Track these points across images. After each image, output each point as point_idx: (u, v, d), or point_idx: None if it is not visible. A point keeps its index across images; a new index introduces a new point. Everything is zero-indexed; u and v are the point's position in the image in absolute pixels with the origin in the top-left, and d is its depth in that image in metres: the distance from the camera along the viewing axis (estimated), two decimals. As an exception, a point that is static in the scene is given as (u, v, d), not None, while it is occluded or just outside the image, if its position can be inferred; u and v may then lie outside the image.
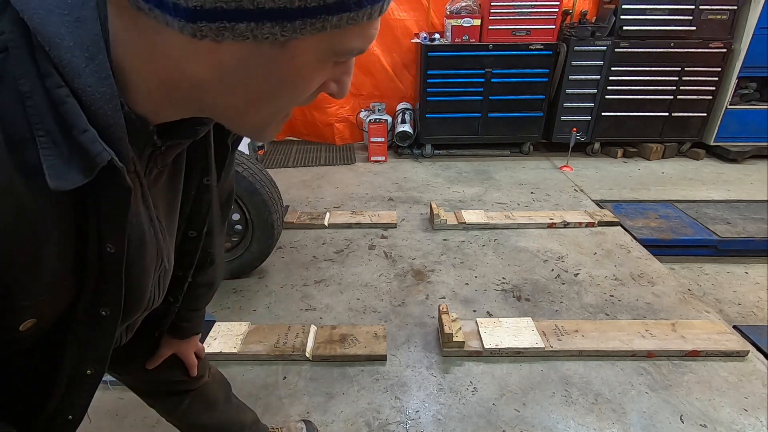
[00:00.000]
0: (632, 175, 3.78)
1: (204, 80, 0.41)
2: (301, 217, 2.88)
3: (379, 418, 1.50)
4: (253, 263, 2.24)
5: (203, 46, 0.37)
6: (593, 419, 1.49)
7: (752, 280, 2.54)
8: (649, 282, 2.25)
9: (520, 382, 1.64)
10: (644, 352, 1.73)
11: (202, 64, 0.39)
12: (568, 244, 2.61)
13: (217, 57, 0.39)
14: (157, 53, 0.39)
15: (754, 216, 3.00)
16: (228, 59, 0.39)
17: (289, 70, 0.41)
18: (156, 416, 1.51)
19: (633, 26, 3.73)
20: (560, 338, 1.79)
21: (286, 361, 1.75)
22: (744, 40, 3.73)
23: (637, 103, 3.98)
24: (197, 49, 0.38)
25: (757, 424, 1.47)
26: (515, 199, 3.28)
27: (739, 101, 3.98)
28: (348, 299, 2.14)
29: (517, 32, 3.81)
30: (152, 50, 0.39)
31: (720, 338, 1.77)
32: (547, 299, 2.12)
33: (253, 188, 2.01)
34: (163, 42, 0.38)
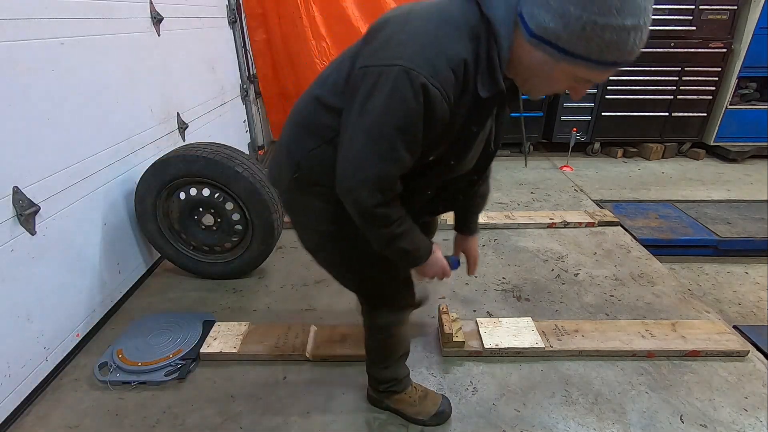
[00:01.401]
0: (632, 175, 3.78)
1: (525, 65, 0.85)
2: (301, 217, 2.87)
3: (379, 418, 1.50)
4: (253, 263, 2.24)
5: (532, 50, 0.81)
6: (593, 419, 1.49)
7: (752, 280, 2.54)
8: (649, 282, 2.24)
9: (520, 382, 1.64)
10: (644, 352, 1.73)
11: (528, 57, 0.83)
12: (568, 244, 2.61)
13: (534, 55, 0.82)
14: (518, 50, 0.84)
15: (754, 216, 3.00)
16: (537, 58, 0.82)
17: (553, 74, 0.83)
18: (156, 416, 1.52)
19: (633, 26, 3.73)
20: (560, 338, 1.79)
21: (286, 361, 1.75)
22: (744, 40, 3.73)
23: (637, 103, 3.98)
24: (530, 52, 0.82)
25: (757, 424, 1.46)
26: (515, 199, 3.28)
27: (739, 101, 3.98)
28: (348, 299, 2.13)
29: (517, 32, 3.81)
30: (518, 48, 0.84)
31: (720, 338, 1.77)
32: (547, 299, 2.12)
33: (254, 188, 2.01)
34: (520, 45, 0.83)
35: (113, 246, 2.05)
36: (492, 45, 0.84)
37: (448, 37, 0.83)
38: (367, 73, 0.87)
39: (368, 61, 0.88)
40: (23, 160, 1.54)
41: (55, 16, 1.69)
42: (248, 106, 4.09)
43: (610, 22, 0.70)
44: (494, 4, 0.82)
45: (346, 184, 0.92)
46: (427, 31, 0.84)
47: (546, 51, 0.78)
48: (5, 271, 1.47)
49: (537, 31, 0.77)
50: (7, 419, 1.49)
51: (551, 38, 0.76)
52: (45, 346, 1.65)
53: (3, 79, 1.46)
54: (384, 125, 0.86)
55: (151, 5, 2.38)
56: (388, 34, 0.88)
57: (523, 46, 0.82)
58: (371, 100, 0.85)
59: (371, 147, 0.88)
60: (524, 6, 0.79)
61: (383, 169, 0.89)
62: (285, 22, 4.06)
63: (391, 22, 0.90)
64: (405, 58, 0.82)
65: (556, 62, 0.79)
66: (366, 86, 0.86)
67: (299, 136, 1.06)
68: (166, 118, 2.52)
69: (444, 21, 0.84)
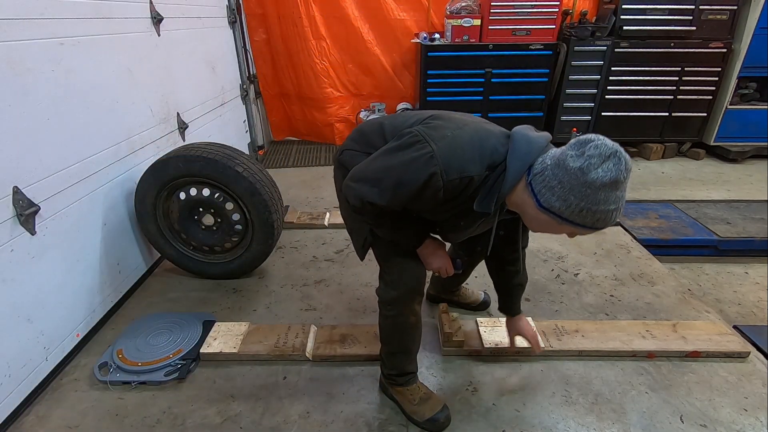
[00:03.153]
0: (632, 175, 3.78)
1: (522, 205, 1.11)
2: (301, 217, 2.88)
3: (379, 418, 1.50)
4: (253, 263, 2.24)
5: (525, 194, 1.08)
6: (593, 419, 1.49)
7: (752, 280, 2.54)
8: (649, 282, 2.24)
9: (520, 382, 1.64)
10: (644, 353, 1.73)
11: (530, 210, 1.09)
12: (568, 244, 2.61)
13: (525, 197, 1.09)
14: (520, 197, 1.10)
15: (754, 216, 3.00)
16: (527, 201, 1.09)
17: (554, 228, 1.09)
18: (156, 416, 1.52)
19: (633, 26, 3.73)
20: (560, 338, 1.79)
21: (286, 361, 1.75)
22: (744, 40, 3.73)
23: (637, 103, 3.98)
24: (524, 193, 1.09)
25: (757, 424, 1.46)
26: (515, 199, 3.28)
27: (739, 101, 3.98)
28: (348, 299, 2.14)
29: (517, 32, 3.81)
30: (519, 194, 1.10)
31: (721, 339, 1.77)
32: (547, 299, 2.12)
33: (254, 188, 2.01)
34: (525, 198, 1.09)
35: (113, 246, 2.05)
36: (499, 181, 1.10)
37: (473, 158, 1.09)
38: (412, 134, 1.13)
39: (421, 129, 1.14)
40: (23, 160, 1.54)
41: (55, 16, 1.69)
42: (248, 106, 4.09)
43: (599, 209, 0.98)
44: (514, 155, 1.08)
45: (348, 181, 1.22)
46: (465, 145, 1.10)
47: (551, 216, 1.05)
48: (5, 271, 1.48)
49: (545, 204, 1.04)
50: (7, 419, 1.49)
51: (555, 211, 1.03)
52: (45, 346, 1.65)
53: (3, 79, 1.46)
54: (392, 174, 1.12)
55: (151, 5, 2.38)
56: (445, 123, 1.16)
57: (521, 197, 1.10)
58: (399, 153, 1.13)
59: (376, 178, 1.15)
60: (534, 181, 1.05)
61: (372, 195, 1.15)
62: (285, 22, 4.07)
63: (455, 119, 1.19)
64: (439, 149, 1.07)
65: (559, 224, 1.06)
66: (405, 141, 1.13)
67: (355, 138, 1.39)
68: (166, 118, 2.52)
69: (482, 147, 1.11)
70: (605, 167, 0.95)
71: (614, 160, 0.96)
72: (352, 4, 4.05)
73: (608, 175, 0.95)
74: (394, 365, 1.49)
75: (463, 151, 1.08)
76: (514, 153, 1.08)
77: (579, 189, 0.97)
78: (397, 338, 1.44)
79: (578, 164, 0.96)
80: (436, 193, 1.09)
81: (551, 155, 1.04)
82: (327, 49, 4.17)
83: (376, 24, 4.14)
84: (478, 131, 1.14)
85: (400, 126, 1.26)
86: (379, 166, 1.16)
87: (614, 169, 0.95)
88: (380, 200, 1.14)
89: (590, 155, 0.96)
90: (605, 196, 0.97)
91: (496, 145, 1.11)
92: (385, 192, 1.13)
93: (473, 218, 1.21)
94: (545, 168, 1.03)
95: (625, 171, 0.96)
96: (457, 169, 1.07)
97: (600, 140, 0.97)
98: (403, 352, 1.48)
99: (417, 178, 1.08)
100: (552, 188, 1.01)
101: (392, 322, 1.40)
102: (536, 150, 1.08)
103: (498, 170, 1.10)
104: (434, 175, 1.06)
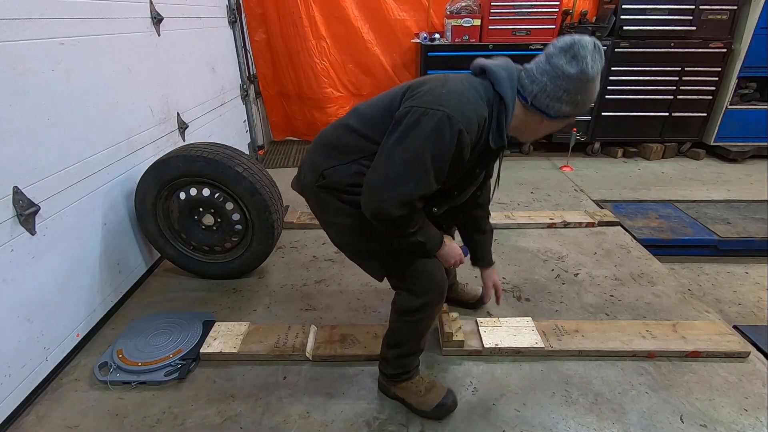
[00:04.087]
0: (632, 175, 3.78)
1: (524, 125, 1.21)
2: (301, 217, 2.88)
3: (379, 418, 1.50)
4: (253, 263, 2.24)
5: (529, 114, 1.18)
6: (593, 419, 1.49)
7: (752, 280, 2.54)
8: (649, 282, 2.24)
9: (520, 382, 1.64)
10: (644, 353, 1.73)
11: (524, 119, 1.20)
12: (568, 244, 2.61)
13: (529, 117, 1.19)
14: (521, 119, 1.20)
15: (754, 216, 3.00)
16: (533, 119, 1.19)
17: (543, 127, 1.21)
18: (156, 416, 1.52)
19: (633, 26, 3.73)
20: (560, 338, 1.79)
21: (286, 361, 1.75)
22: (744, 40, 3.73)
23: (637, 103, 3.98)
24: (526, 114, 1.19)
25: (757, 424, 1.46)
26: (515, 199, 3.28)
27: (739, 101, 3.98)
28: (348, 299, 2.14)
29: (517, 32, 3.81)
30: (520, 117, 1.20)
31: (721, 339, 1.77)
32: (547, 299, 2.12)
33: (254, 188, 2.00)
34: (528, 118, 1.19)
35: (113, 246, 2.05)
36: (501, 112, 1.16)
37: (476, 100, 1.13)
38: (411, 111, 1.10)
39: (413, 103, 1.12)
40: (23, 160, 1.54)
41: (55, 16, 1.69)
42: (248, 106, 4.09)
43: (594, 92, 1.13)
44: (503, 84, 1.15)
45: (377, 197, 1.13)
46: (462, 92, 1.12)
47: (559, 121, 1.17)
48: (5, 271, 1.48)
49: (556, 114, 1.14)
50: (7, 419, 1.49)
51: (565, 115, 1.14)
52: (45, 346, 1.65)
53: (3, 79, 1.46)
54: (422, 154, 1.09)
55: (151, 5, 2.38)
56: (429, 87, 1.14)
57: (521, 119, 1.20)
58: (413, 133, 1.09)
59: (408, 170, 1.10)
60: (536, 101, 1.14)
61: (414, 189, 1.11)
62: (285, 22, 4.06)
63: (431, 80, 1.18)
64: (449, 107, 1.08)
65: (561, 124, 1.19)
66: (409, 121, 1.10)
67: (327, 154, 1.30)
68: (166, 118, 2.52)
69: (472, 87, 1.15)
70: (594, 59, 1.06)
71: (597, 49, 1.07)
72: (352, 4, 4.05)
73: (597, 65, 1.07)
74: (403, 365, 1.49)
75: (466, 98, 1.12)
76: (501, 84, 1.15)
77: (583, 87, 1.08)
78: (415, 341, 1.44)
79: (577, 69, 1.06)
80: (466, 148, 1.12)
81: (534, 72, 1.13)
82: (327, 49, 4.17)
83: (376, 24, 4.13)
84: (458, 79, 1.17)
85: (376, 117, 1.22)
86: (401, 160, 1.10)
87: (600, 58, 1.08)
88: (422, 189, 1.11)
89: (582, 56, 1.05)
90: (597, 81, 1.11)
91: (476, 84, 1.17)
92: (423, 177, 1.10)
93: (487, 161, 1.26)
94: (543, 86, 1.11)
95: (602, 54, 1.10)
96: (473, 117, 1.11)
97: (579, 39, 1.06)
98: (417, 352, 1.49)
99: (449, 143, 1.08)
100: (559, 98, 1.10)
101: (414, 327, 1.39)
102: (514, 74, 1.17)
103: (494, 104, 1.16)
104: (461, 132, 1.08)
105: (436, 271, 1.36)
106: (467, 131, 1.09)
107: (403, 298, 1.36)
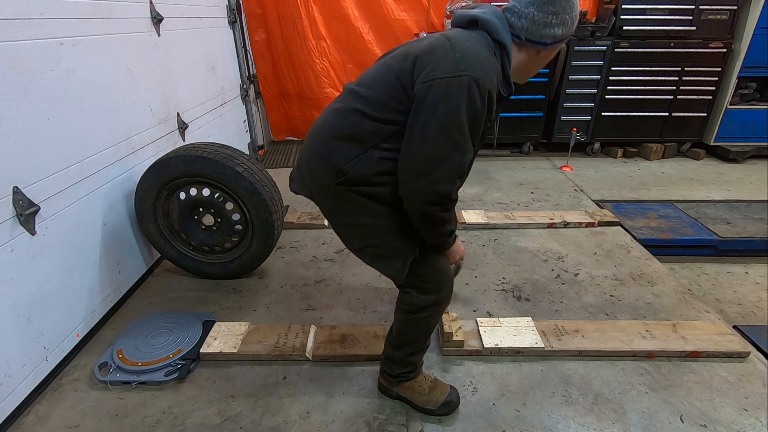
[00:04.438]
0: (632, 175, 3.78)
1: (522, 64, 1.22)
2: (301, 217, 2.88)
3: (379, 418, 1.50)
4: (253, 263, 2.24)
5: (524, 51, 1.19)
6: (593, 419, 1.49)
7: (752, 280, 2.54)
8: (649, 282, 2.24)
9: (520, 381, 1.64)
10: (644, 353, 1.73)
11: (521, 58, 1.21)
12: (568, 244, 2.61)
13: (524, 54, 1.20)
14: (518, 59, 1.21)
15: (754, 216, 3.00)
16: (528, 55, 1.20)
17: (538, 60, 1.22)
18: (156, 416, 1.52)
19: (633, 26, 3.73)
20: (560, 338, 1.79)
21: (286, 361, 1.75)
22: (744, 40, 3.73)
23: (637, 103, 3.98)
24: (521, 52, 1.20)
25: (757, 425, 1.46)
26: (515, 199, 3.28)
27: (739, 101, 3.98)
28: (348, 299, 2.14)
29: (517, 32, 3.80)
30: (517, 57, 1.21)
31: (721, 339, 1.77)
32: (547, 299, 2.12)
33: (254, 188, 2.00)
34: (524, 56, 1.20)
35: (113, 246, 2.05)
36: (504, 59, 1.16)
37: (489, 55, 1.12)
38: (434, 85, 1.06)
39: (431, 76, 1.07)
40: (23, 160, 1.54)
41: (55, 16, 1.69)
42: (248, 106, 4.09)
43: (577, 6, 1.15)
44: (500, 31, 1.15)
45: (425, 178, 1.08)
46: (476, 51, 1.10)
47: (554, 47, 1.18)
48: (5, 271, 1.48)
49: (551, 40, 1.16)
50: (7, 419, 1.49)
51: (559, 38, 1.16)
52: (45, 346, 1.65)
53: (3, 79, 1.46)
54: (460, 123, 1.06)
55: (151, 5, 2.38)
56: (439, 54, 1.09)
57: (518, 59, 1.20)
58: (443, 105, 1.05)
59: (449, 142, 1.07)
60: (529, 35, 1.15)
61: (461, 159, 1.09)
62: (285, 22, 4.07)
63: (436, 46, 1.12)
64: (470, 70, 1.05)
65: (554, 51, 1.21)
66: (435, 95, 1.05)
67: (341, 146, 1.18)
68: (166, 118, 2.52)
69: (479, 43, 1.13)
70: None
71: None
72: (352, 4, 4.05)
73: None
74: (411, 363, 1.49)
75: (482, 56, 1.10)
76: (499, 32, 1.15)
77: (569, 5, 1.11)
78: (423, 339, 1.44)
79: None
80: (494, 105, 1.13)
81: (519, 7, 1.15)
82: (327, 49, 4.17)
83: (376, 24, 4.14)
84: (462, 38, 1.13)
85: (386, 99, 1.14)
86: (440, 134, 1.06)
87: None
88: (467, 156, 1.10)
89: None
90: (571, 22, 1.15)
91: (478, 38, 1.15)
92: (465, 145, 1.09)
93: (497, 110, 1.23)
94: (531, 17, 1.13)
95: None
96: (492, 73, 1.10)
97: None
98: (423, 349, 1.49)
99: (480, 106, 1.07)
100: (549, 24, 1.12)
101: (423, 325, 1.39)
102: (503, 17, 1.17)
103: (497, 53, 1.16)
104: (490, 92, 1.09)
105: (447, 267, 1.37)
106: (492, 90, 1.09)
107: (413, 296, 1.34)
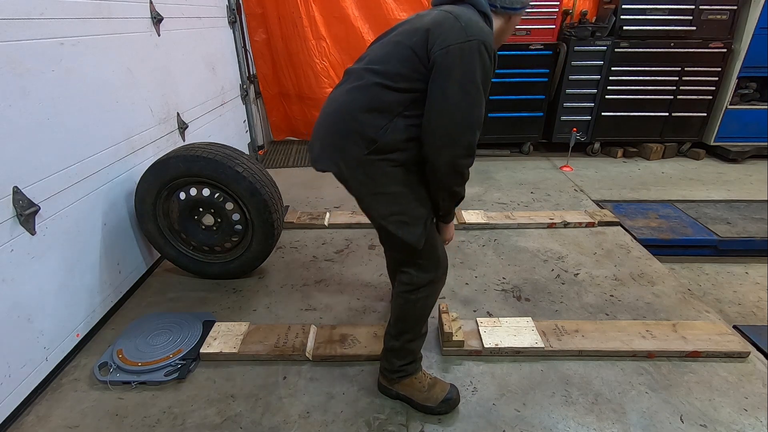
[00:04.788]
0: (632, 175, 3.78)
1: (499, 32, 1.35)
2: (301, 217, 2.88)
3: (379, 418, 1.50)
4: (253, 263, 2.24)
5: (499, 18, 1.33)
6: (593, 419, 1.49)
7: (752, 280, 2.54)
8: (649, 282, 2.24)
9: (520, 381, 1.64)
10: (644, 353, 1.73)
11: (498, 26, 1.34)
12: (568, 244, 2.61)
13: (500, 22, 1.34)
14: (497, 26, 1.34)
15: (754, 216, 3.00)
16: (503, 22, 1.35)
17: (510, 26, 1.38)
18: (156, 416, 1.52)
19: (633, 26, 3.73)
20: (560, 338, 1.79)
21: (286, 361, 1.75)
22: (744, 40, 3.73)
23: (637, 103, 3.98)
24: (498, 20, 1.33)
25: (757, 425, 1.46)
26: (515, 199, 3.28)
27: (739, 101, 3.98)
28: (348, 299, 2.14)
29: (516, 32, 3.80)
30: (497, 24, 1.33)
31: (721, 339, 1.77)
32: (547, 299, 2.12)
33: (254, 188, 2.00)
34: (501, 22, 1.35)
35: (113, 246, 2.05)
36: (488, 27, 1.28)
37: (483, 23, 1.24)
38: (449, 51, 1.17)
39: (446, 43, 1.18)
40: (23, 160, 1.54)
41: (55, 16, 1.69)
42: (248, 106, 4.09)
43: None
44: (483, 4, 1.28)
45: (454, 133, 1.22)
46: (475, 20, 1.22)
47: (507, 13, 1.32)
48: (5, 271, 1.48)
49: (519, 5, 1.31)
50: (7, 419, 1.49)
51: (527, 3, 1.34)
52: (45, 346, 1.65)
53: (3, 79, 1.46)
54: (474, 80, 1.19)
55: (151, 5, 2.38)
56: (446, 26, 1.20)
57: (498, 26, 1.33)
58: (459, 66, 1.17)
59: (469, 98, 1.20)
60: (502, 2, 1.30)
61: (479, 113, 1.23)
62: (285, 22, 4.07)
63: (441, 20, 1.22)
64: (477, 35, 1.18)
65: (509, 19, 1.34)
66: (450, 60, 1.18)
67: (368, 118, 1.27)
68: (166, 118, 2.52)
69: (474, 14, 1.25)
70: None
71: None
72: (352, 4, 4.05)
73: None
74: (409, 352, 1.51)
75: (482, 24, 1.23)
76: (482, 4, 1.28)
77: None
78: (420, 324, 1.49)
79: None
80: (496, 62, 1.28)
81: None
82: (327, 49, 4.17)
83: (376, 24, 4.13)
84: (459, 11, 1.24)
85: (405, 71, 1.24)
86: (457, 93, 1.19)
87: None
88: (482, 107, 1.24)
89: None
90: None
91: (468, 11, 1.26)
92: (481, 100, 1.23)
93: None
94: None
95: None
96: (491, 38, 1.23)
97: None
98: (422, 335, 1.53)
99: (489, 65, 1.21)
100: None
101: (422, 305, 1.45)
102: None
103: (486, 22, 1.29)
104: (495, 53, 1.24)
105: (442, 247, 1.46)
106: (495, 51, 1.24)
107: (411, 275, 1.42)
